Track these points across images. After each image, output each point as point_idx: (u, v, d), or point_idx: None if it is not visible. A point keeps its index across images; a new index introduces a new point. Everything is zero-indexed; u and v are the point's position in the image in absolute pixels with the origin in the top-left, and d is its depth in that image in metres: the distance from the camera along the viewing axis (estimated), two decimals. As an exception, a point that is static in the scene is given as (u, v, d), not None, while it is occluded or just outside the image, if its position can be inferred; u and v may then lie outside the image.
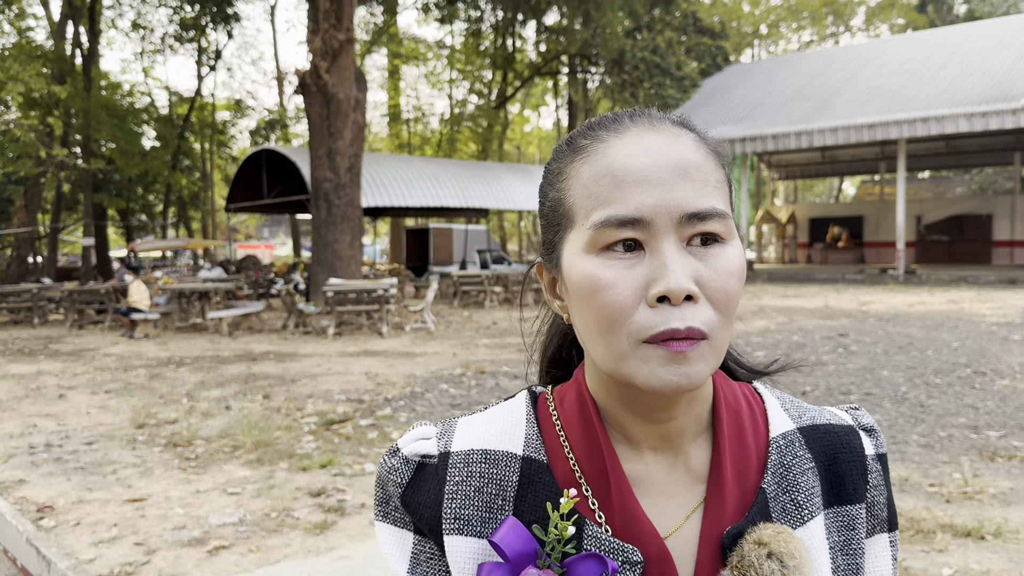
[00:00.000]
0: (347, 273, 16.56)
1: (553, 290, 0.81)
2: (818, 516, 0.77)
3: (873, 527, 0.82)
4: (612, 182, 0.69)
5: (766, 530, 0.72)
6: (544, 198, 0.78)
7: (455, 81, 43.17)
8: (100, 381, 9.58)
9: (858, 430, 0.84)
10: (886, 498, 0.83)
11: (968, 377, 8.29)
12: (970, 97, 22.87)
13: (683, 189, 0.68)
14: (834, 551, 0.78)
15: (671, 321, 0.66)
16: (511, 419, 0.81)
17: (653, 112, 0.76)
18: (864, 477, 0.81)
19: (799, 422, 0.82)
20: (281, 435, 6.46)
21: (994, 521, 4.18)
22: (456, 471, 0.78)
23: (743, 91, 30.96)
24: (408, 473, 0.79)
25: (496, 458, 0.78)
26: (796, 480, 0.78)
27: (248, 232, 68.58)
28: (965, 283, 22.81)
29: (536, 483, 0.76)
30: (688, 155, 0.70)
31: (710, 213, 0.69)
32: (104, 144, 31.63)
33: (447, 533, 0.76)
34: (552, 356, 0.92)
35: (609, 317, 0.68)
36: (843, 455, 0.81)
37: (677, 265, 0.67)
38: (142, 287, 15.21)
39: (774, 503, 0.76)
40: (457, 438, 0.80)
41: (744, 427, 0.79)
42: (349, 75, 16.35)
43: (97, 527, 4.52)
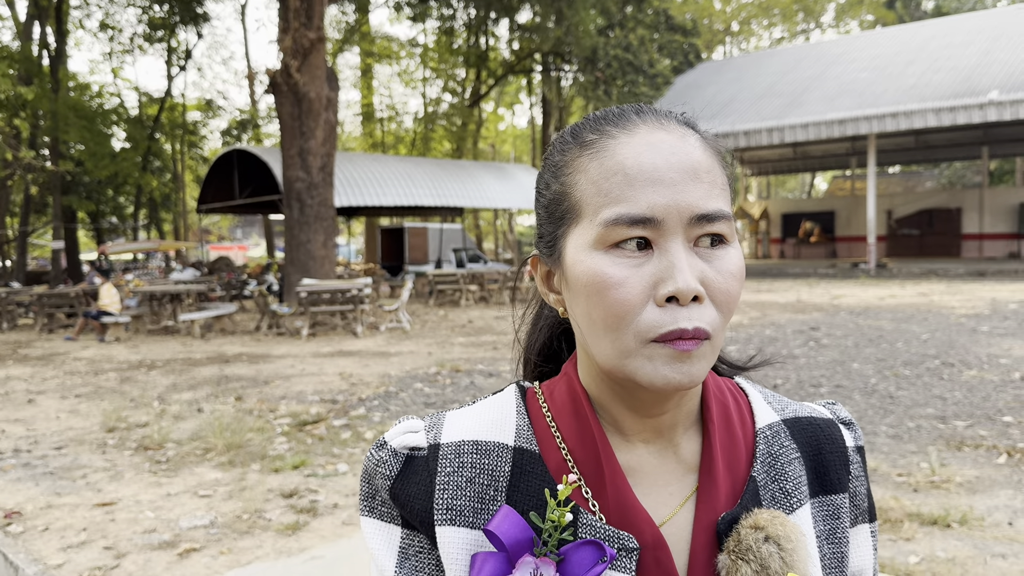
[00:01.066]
0: (321, 273, 16.47)
1: (549, 283, 0.81)
2: (805, 504, 0.79)
3: (856, 517, 0.84)
4: (624, 180, 0.69)
5: (762, 515, 0.73)
6: (545, 190, 0.78)
7: (428, 80, 43.06)
8: (70, 385, 9.47)
9: (837, 423, 0.86)
10: (866, 489, 0.85)
11: (937, 368, 8.40)
12: (938, 92, 23.17)
13: (694, 190, 0.69)
14: (820, 540, 0.79)
15: (679, 321, 0.67)
16: (501, 412, 0.81)
17: (659, 109, 0.77)
18: (846, 467, 0.83)
19: (783, 414, 0.84)
20: (253, 437, 6.41)
21: (960, 509, 4.24)
22: (447, 462, 0.77)
23: (715, 88, 31.15)
24: (397, 466, 0.78)
25: (487, 449, 0.78)
26: (784, 469, 0.79)
27: (221, 233, 68.01)
28: (935, 276, 23.11)
29: (529, 473, 0.76)
30: (697, 156, 0.71)
31: (718, 215, 0.70)
32: (73, 146, 31.24)
33: (439, 524, 0.75)
34: (541, 349, 0.92)
35: (617, 315, 0.68)
36: (826, 446, 0.83)
37: (686, 266, 0.67)
38: (112, 290, 15.04)
39: (764, 491, 0.77)
40: (446, 430, 0.80)
41: (732, 419, 0.80)
42: (320, 74, 16.26)
43: (66, 532, 4.47)
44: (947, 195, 33.83)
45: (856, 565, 0.83)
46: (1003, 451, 5.33)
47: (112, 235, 40.13)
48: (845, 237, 35.26)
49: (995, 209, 31.39)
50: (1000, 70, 23.14)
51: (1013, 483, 4.71)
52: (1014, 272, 22.72)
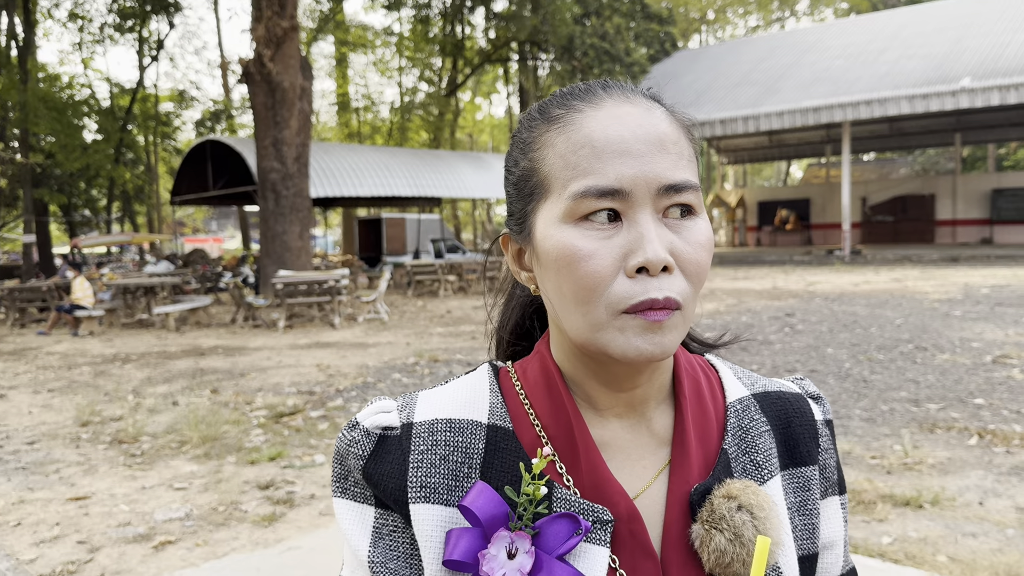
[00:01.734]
0: (297, 265, 16.36)
1: (520, 261, 0.81)
2: (776, 476, 0.80)
3: (826, 489, 0.84)
4: (591, 152, 0.69)
5: (734, 484, 0.74)
6: (513, 167, 0.78)
7: (404, 69, 42.80)
8: (43, 380, 9.35)
9: (806, 397, 0.87)
10: (835, 462, 0.86)
11: (910, 352, 8.49)
12: (911, 79, 23.36)
13: (661, 161, 0.69)
14: (791, 512, 0.80)
15: (650, 291, 0.67)
16: (474, 390, 0.81)
17: (625, 84, 0.76)
18: (816, 440, 0.84)
19: (752, 389, 0.85)
20: (229, 429, 6.37)
21: (932, 490, 4.30)
22: (420, 440, 0.77)
23: (691, 76, 31.21)
24: (369, 445, 0.78)
25: (461, 427, 0.77)
26: (754, 442, 0.80)
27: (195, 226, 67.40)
28: (909, 262, 23.36)
29: (503, 449, 0.76)
30: (663, 128, 0.71)
31: (686, 185, 0.70)
32: (43, 138, 30.77)
33: (413, 502, 0.75)
34: (513, 328, 0.92)
35: (588, 287, 0.68)
36: (796, 419, 0.84)
37: (655, 236, 0.68)
38: (85, 284, 14.86)
39: (735, 463, 0.78)
40: (419, 409, 0.80)
41: (703, 393, 0.81)
42: (294, 63, 16.11)
43: (39, 527, 4.42)
44: (921, 182, 34.17)
45: (827, 536, 0.84)
46: (974, 433, 5.41)
47: (85, 228, 39.64)
48: (820, 224, 35.53)
49: (968, 195, 31.74)
50: (972, 57, 23.37)
51: (984, 464, 4.77)
52: (986, 257, 23.01)
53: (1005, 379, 6.98)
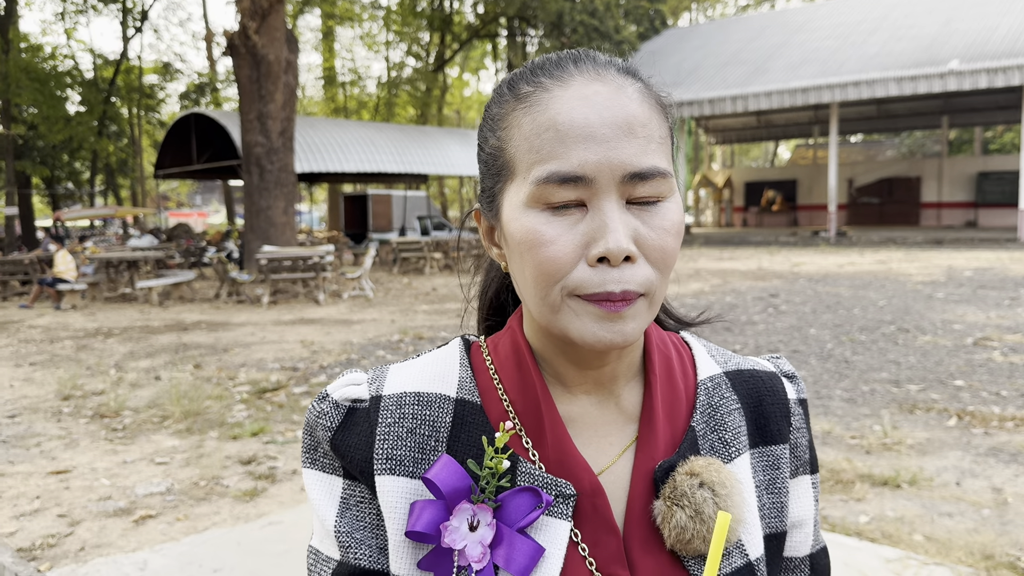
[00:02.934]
0: (282, 240, 16.28)
1: (491, 237, 0.80)
2: (744, 454, 0.79)
3: (796, 468, 0.84)
4: (555, 137, 0.68)
5: (697, 462, 0.74)
6: (484, 143, 0.76)
7: (392, 43, 42.43)
8: (24, 353, 9.29)
9: (780, 376, 0.87)
10: (808, 441, 0.86)
11: (892, 334, 8.55)
12: (900, 61, 23.37)
13: (627, 147, 0.67)
14: (760, 489, 0.80)
15: (608, 284, 0.66)
16: (444, 364, 0.81)
17: (599, 57, 0.74)
18: (787, 419, 0.84)
19: (725, 367, 0.84)
20: (212, 404, 6.35)
21: (910, 470, 4.34)
22: (388, 413, 0.77)
23: (680, 55, 31.11)
24: (338, 417, 0.78)
25: (429, 400, 0.77)
26: (723, 420, 0.79)
27: (180, 200, 66.88)
28: (894, 244, 23.49)
29: (469, 423, 0.76)
30: (633, 109, 0.69)
31: (653, 172, 0.68)
32: (25, 109, 30.38)
33: (379, 473, 0.75)
34: (490, 302, 0.92)
35: (548, 273, 0.68)
36: (767, 398, 0.83)
37: (618, 225, 0.66)
38: (68, 257, 14.73)
39: (703, 441, 0.77)
40: (389, 382, 0.79)
41: (674, 370, 0.80)
42: (279, 36, 15.93)
43: (19, 500, 4.40)
44: (907, 164, 34.30)
45: (796, 515, 0.84)
46: (953, 414, 5.46)
47: (68, 201, 39.26)
48: (807, 205, 35.64)
49: (954, 178, 31.90)
50: (961, 40, 23.39)
51: (962, 445, 4.82)
52: (970, 240, 23.17)
53: (985, 361, 7.05)
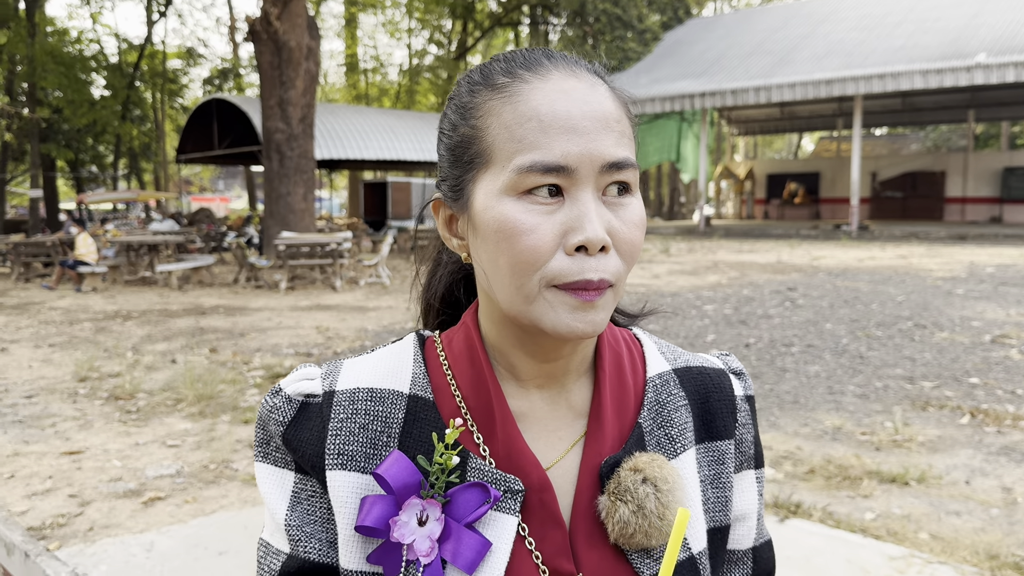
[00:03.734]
0: (300, 226, 16.35)
1: (451, 228, 0.80)
2: (690, 450, 0.81)
3: (741, 463, 0.86)
4: (538, 126, 0.69)
5: (641, 458, 0.75)
6: (451, 131, 0.76)
7: (414, 31, 42.41)
8: (44, 335, 9.41)
9: (728, 373, 0.88)
10: (754, 436, 0.88)
11: (909, 330, 8.47)
12: (926, 54, 23.05)
13: (605, 139, 0.70)
14: (705, 484, 0.81)
15: (586, 272, 0.68)
16: (398, 360, 0.82)
17: (569, 56, 0.76)
18: (734, 415, 0.85)
19: (674, 364, 0.86)
20: (225, 388, 6.41)
21: (919, 468, 4.31)
22: (341, 408, 0.77)
23: (704, 45, 30.86)
24: (291, 412, 0.79)
25: (382, 396, 0.78)
26: (670, 416, 0.81)
27: (202, 184, 67.31)
28: (916, 239, 23.24)
29: (422, 420, 0.77)
30: (608, 106, 0.72)
31: (627, 163, 0.70)
32: (51, 93, 30.66)
33: (330, 468, 0.75)
34: (443, 296, 0.92)
35: (526, 262, 0.68)
36: (714, 394, 0.85)
37: (595, 216, 0.68)
38: (89, 240, 14.89)
39: (650, 437, 0.79)
40: (343, 378, 0.80)
41: (624, 367, 0.82)
42: (301, 22, 15.96)
43: (32, 480, 4.47)
44: (932, 158, 33.87)
45: (739, 509, 0.86)
46: (967, 412, 5.41)
47: (92, 184, 39.63)
48: (829, 199, 35.31)
49: (979, 173, 31.47)
50: (988, 33, 23.03)
51: (974, 443, 4.78)
52: (994, 236, 22.87)
53: (1003, 359, 6.97)
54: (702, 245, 22.48)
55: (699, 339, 8.15)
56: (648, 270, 15.39)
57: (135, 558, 3.44)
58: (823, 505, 3.83)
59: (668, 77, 28.08)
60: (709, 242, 23.88)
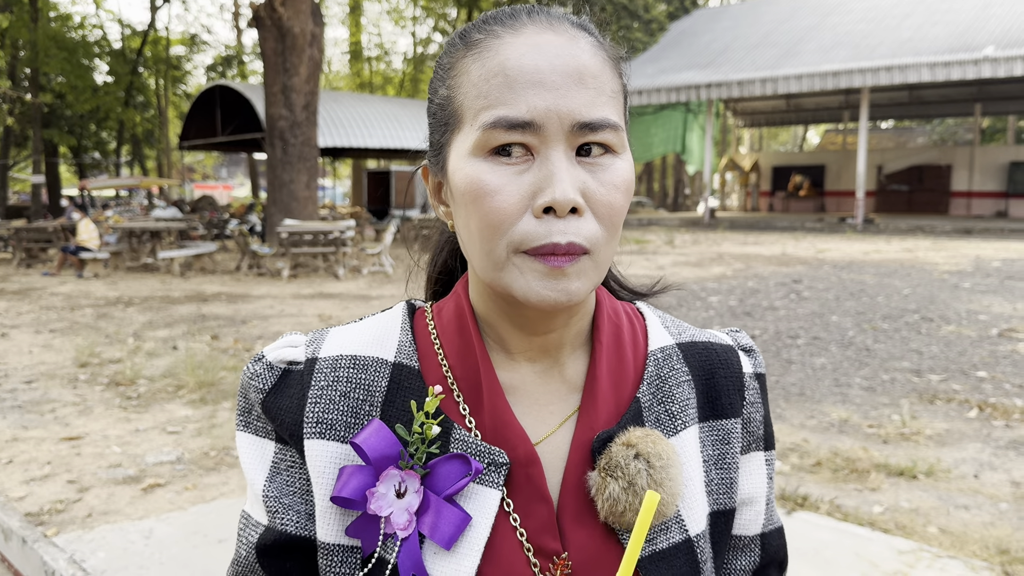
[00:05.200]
0: (303, 214, 16.29)
1: (439, 195, 0.78)
2: (691, 427, 0.77)
3: (749, 444, 0.81)
4: (504, 82, 0.65)
5: (635, 433, 0.72)
6: (433, 95, 0.74)
7: (418, 18, 42.24)
8: (45, 320, 9.37)
9: (737, 349, 0.83)
10: (763, 416, 0.83)
11: (915, 323, 8.41)
12: (934, 46, 22.91)
13: (577, 96, 0.65)
14: (708, 464, 0.77)
15: (553, 235, 0.64)
16: (385, 328, 0.79)
17: (554, 10, 0.72)
18: (741, 393, 0.80)
19: (679, 339, 0.82)
20: (227, 375, 6.36)
21: (927, 461, 4.25)
22: (322, 376, 0.75)
23: (710, 36, 30.70)
24: (271, 379, 0.76)
25: (365, 364, 0.75)
26: (671, 392, 0.77)
27: (205, 172, 67.21)
28: (922, 232, 23.14)
29: (406, 388, 0.74)
30: (585, 60, 0.67)
31: (603, 123, 0.66)
32: (54, 78, 30.58)
33: (307, 437, 0.73)
34: (441, 267, 0.90)
35: (493, 224, 0.65)
36: (720, 371, 0.80)
37: (565, 175, 0.64)
38: (91, 226, 14.85)
39: (648, 412, 0.75)
40: (327, 345, 0.77)
41: (623, 340, 0.78)
42: (305, 8, 15.86)
43: (30, 465, 4.43)
44: (938, 152, 33.71)
45: (747, 491, 0.81)
46: (975, 405, 5.35)
47: (94, 171, 39.57)
48: (834, 192, 35.17)
49: (985, 167, 31.32)
50: (997, 25, 22.88)
51: (982, 437, 4.73)
52: (1000, 230, 22.76)
53: (1010, 352, 6.91)
54: (706, 237, 22.40)
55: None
56: (653, 261, 15.33)
57: (134, 545, 3.41)
58: (831, 498, 3.78)
59: (674, 68, 27.94)
60: (714, 234, 23.80)
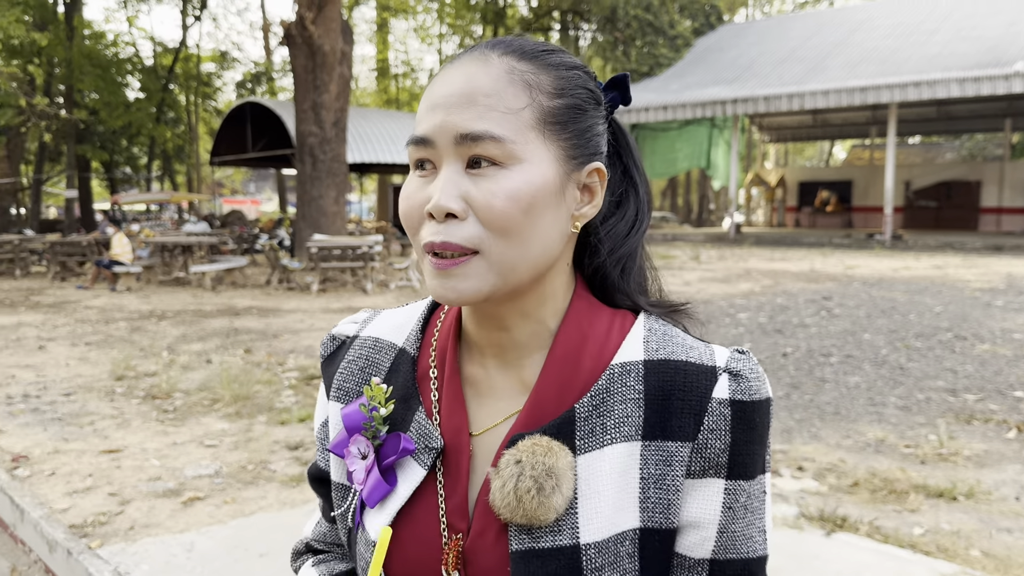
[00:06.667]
0: (332, 229, 16.43)
1: None
2: (621, 444, 0.79)
3: (704, 469, 0.79)
4: (422, 108, 0.78)
5: (527, 440, 0.78)
6: None
7: (445, 36, 42.55)
8: (80, 333, 9.51)
9: (719, 373, 0.80)
10: (728, 443, 0.79)
11: (949, 341, 8.32)
12: (962, 62, 22.74)
13: (463, 113, 0.74)
14: (647, 482, 0.79)
15: (432, 236, 0.75)
16: (407, 316, 0.94)
17: (503, 40, 0.81)
18: (698, 418, 0.79)
19: (653, 355, 0.82)
20: (261, 389, 6.43)
21: (967, 482, 4.21)
22: (352, 351, 0.93)
23: (736, 51, 30.66)
24: (331, 348, 0.96)
25: (381, 346, 0.92)
26: (612, 407, 0.80)
27: (234, 187, 67.93)
28: (951, 249, 22.90)
29: (399, 371, 0.88)
30: (480, 81, 0.76)
31: (482, 135, 0.73)
32: (87, 94, 31.13)
33: (331, 399, 0.92)
34: None
35: (408, 227, 0.78)
36: (678, 393, 0.80)
37: (444, 185, 0.74)
38: (124, 240, 15.06)
39: (584, 423, 0.79)
40: (371, 325, 0.94)
41: (585, 350, 0.82)
42: (335, 27, 16.06)
43: (72, 477, 4.50)
44: (967, 167, 33.37)
45: (692, 515, 0.80)
46: (1013, 426, 5.29)
47: (126, 185, 40.15)
48: (862, 207, 34.89)
49: (1016, 183, 30.94)
50: (1027, 40, 22.66)
51: (1022, 458, 4.67)
52: (1031, 247, 22.46)
53: (1047, 372, 6.82)
54: (733, 252, 22.30)
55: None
56: (679, 276, 15.29)
57: (176, 558, 3.45)
58: (870, 519, 3.75)
59: (699, 83, 27.91)
60: (740, 249, 23.69)
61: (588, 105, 0.81)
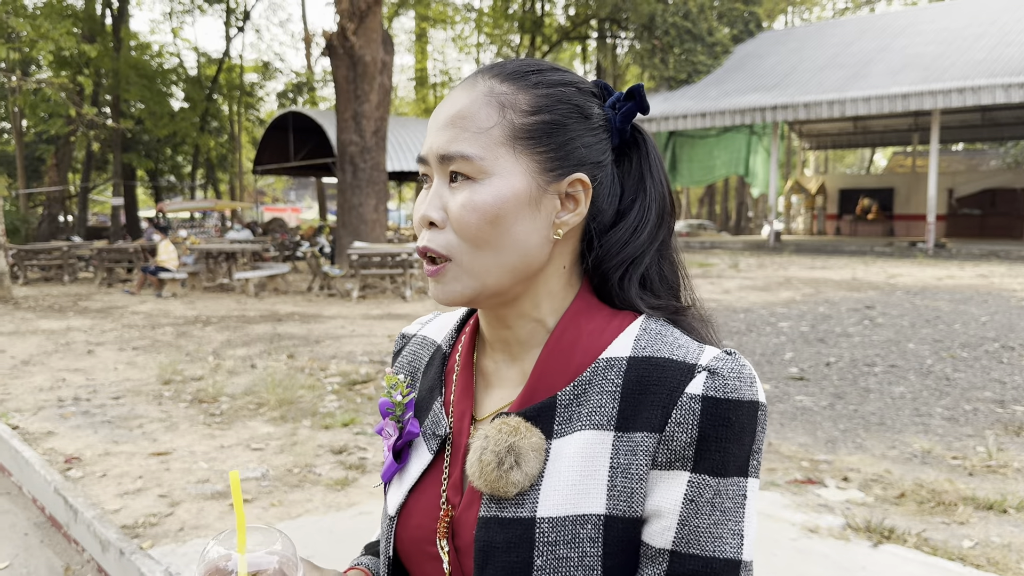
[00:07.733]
0: (372, 237, 16.58)
1: None
2: (589, 431, 0.84)
3: (670, 461, 0.81)
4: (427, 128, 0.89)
5: (498, 420, 0.86)
6: None
7: (482, 45, 42.76)
8: (128, 338, 9.71)
9: (697, 371, 0.82)
10: (694, 438, 0.80)
11: (996, 351, 8.18)
12: (1009, 67, 22.31)
13: (443, 134, 0.85)
14: (615, 471, 0.82)
15: (420, 241, 0.87)
16: (452, 317, 1.06)
17: (497, 64, 0.90)
18: (666, 411, 0.81)
19: (639, 353, 0.85)
20: (305, 394, 6.52)
21: (1017, 495, 4.14)
22: (408, 347, 1.07)
23: (775, 58, 30.41)
24: (399, 344, 1.10)
25: (426, 343, 1.05)
26: (590, 398, 0.85)
27: (275, 195, 68.81)
28: (996, 258, 22.45)
29: (432, 365, 1.01)
30: (462, 105, 0.85)
31: (455, 155, 0.84)
32: (133, 104, 31.78)
33: None
34: None
35: (417, 234, 0.88)
36: (652, 387, 0.83)
37: (430, 198, 0.86)
38: (170, 247, 15.34)
39: (563, 411, 0.86)
40: (428, 326, 1.08)
41: (577, 346, 0.88)
42: (376, 37, 16.24)
43: (123, 479, 4.60)
44: (1012, 175, 32.72)
45: (655, 504, 0.81)
46: (1064, 438, 5.18)
47: (170, 193, 40.87)
48: (904, 215, 34.35)
49: (1063, 190, 30.27)
50: (1077, 45, 22.17)
51: (1074, 471, 4.57)
52: (1081, 256, 21.94)
53: (1099, 384, 6.67)
54: (772, 260, 22.09)
55: (776, 356, 8.00)
56: (718, 285, 15.19)
57: (226, 558, 3.51)
58: (918, 531, 3.70)
59: (738, 90, 27.73)
60: (779, 257, 23.45)
61: (570, 120, 0.87)
